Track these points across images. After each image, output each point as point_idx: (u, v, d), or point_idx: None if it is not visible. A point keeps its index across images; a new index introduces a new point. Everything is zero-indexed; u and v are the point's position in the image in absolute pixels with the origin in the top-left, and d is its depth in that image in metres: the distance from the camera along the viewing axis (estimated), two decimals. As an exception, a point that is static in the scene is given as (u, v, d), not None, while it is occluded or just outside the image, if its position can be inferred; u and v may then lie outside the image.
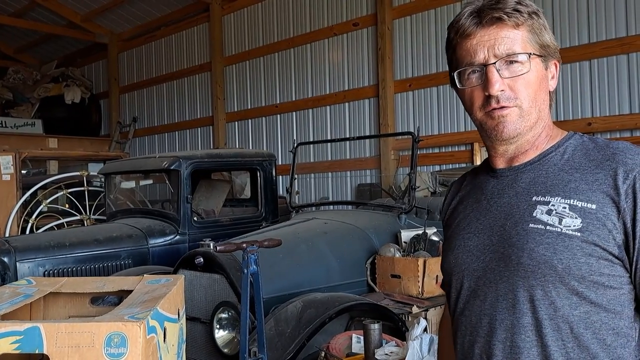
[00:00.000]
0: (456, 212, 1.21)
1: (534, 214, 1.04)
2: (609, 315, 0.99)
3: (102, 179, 5.48)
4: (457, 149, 5.81)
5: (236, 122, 8.12)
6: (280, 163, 7.02)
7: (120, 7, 8.94)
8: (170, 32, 9.02)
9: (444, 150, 5.92)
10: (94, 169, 6.95)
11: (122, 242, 4.18)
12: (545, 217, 1.02)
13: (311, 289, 3.17)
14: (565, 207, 1.01)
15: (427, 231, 3.46)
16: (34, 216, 5.94)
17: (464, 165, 5.65)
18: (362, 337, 2.36)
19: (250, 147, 7.73)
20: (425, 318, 3.04)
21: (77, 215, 6.07)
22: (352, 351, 2.41)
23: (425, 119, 6.07)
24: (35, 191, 6.18)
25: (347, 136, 6.58)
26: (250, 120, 7.92)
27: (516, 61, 1.06)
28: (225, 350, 2.84)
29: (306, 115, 7.21)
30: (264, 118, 7.74)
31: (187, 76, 8.82)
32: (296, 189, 5.98)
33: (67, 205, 6.31)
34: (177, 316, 1.64)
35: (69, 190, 6.13)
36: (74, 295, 1.82)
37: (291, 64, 7.37)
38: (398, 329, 2.89)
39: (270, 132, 7.66)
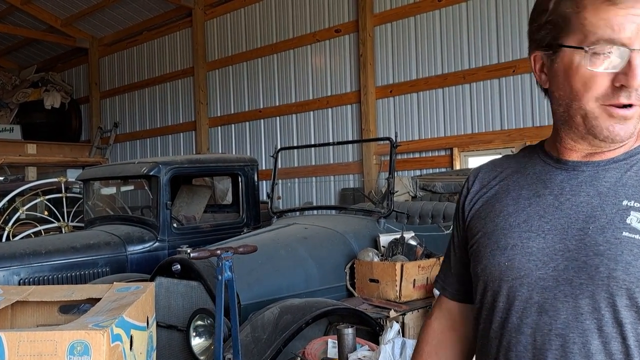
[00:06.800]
0: (497, 202, 0.99)
1: (628, 221, 0.86)
2: None
3: (81, 186, 5.42)
4: (437, 154, 5.86)
5: (219, 127, 8.10)
6: (263, 168, 7.01)
7: (101, 11, 8.88)
8: (152, 37, 8.97)
9: (424, 155, 5.97)
10: (73, 175, 6.86)
11: (100, 250, 4.13)
12: None
13: (290, 295, 3.16)
14: None
15: (404, 235, 3.48)
16: (10, 223, 5.84)
17: (444, 170, 5.70)
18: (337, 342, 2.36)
19: (234, 153, 7.71)
20: (403, 322, 3.05)
21: (55, 223, 5.98)
22: (328, 356, 2.41)
23: (406, 124, 6.12)
24: (13, 198, 6.08)
25: (330, 141, 6.62)
26: (233, 125, 7.91)
27: None
28: (202, 358, 2.82)
29: (290, 120, 7.23)
30: (247, 123, 7.73)
31: (169, 81, 8.78)
32: (278, 194, 5.98)
33: (46, 213, 6.21)
34: (145, 324, 1.63)
35: (47, 197, 6.04)
36: (42, 304, 1.79)
37: (274, 69, 7.38)
38: (376, 334, 2.90)
39: (254, 137, 7.65)
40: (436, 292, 3.25)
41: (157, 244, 4.24)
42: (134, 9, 8.68)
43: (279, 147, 4.83)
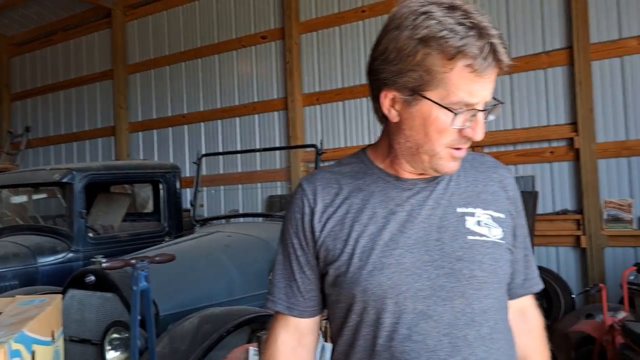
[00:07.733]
0: (355, 223, 1.05)
1: (467, 226, 1.04)
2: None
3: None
4: (361, 161, 6.01)
5: (140, 133, 7.82)
6: (187, 175, 6.84)
7: (11, 9, 8.33)
8: (68, 37, 8.54)
9: (349, 162, 6.09)
10: (-23, 182, 6.34)
11: (7, 262, 3.85)
12: (477, 228, 1.04)
13: (211, 304, 3.11)
14: (489, 218, 1.06)
15: (328, 241, 3.52)
16: None
17: (367, 176, 5.85)
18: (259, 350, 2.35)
19: (156, 159, 7.48)
20: (325, 327, 3.09)
21: (-45, 234, 5.50)
22: (249, 364, 2.39)
23: (332, 131, 6.23)
24: None
25: (257, 147, 6.58)
26: (155, 131, 7.67)
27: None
28: (118, 372, 2.71)
29: (215, 126, 7.12)
30: (170, 129, 7.53)
31: (86, 84, 8.38)
32: (201, 201, 5.86)
33: (-55, 223, 5.70)
34: (50, 338, 1.55)
35: (-53, 206, 5.54)
36: None
37: (199, 73, 7.25)
38: (298, 340, 2.91)
39: (177, 143, 7.46)
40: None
41: (70, 254, 4.03)
42: (47, 8, 8.24)
43: (200, 153, 4.76)
